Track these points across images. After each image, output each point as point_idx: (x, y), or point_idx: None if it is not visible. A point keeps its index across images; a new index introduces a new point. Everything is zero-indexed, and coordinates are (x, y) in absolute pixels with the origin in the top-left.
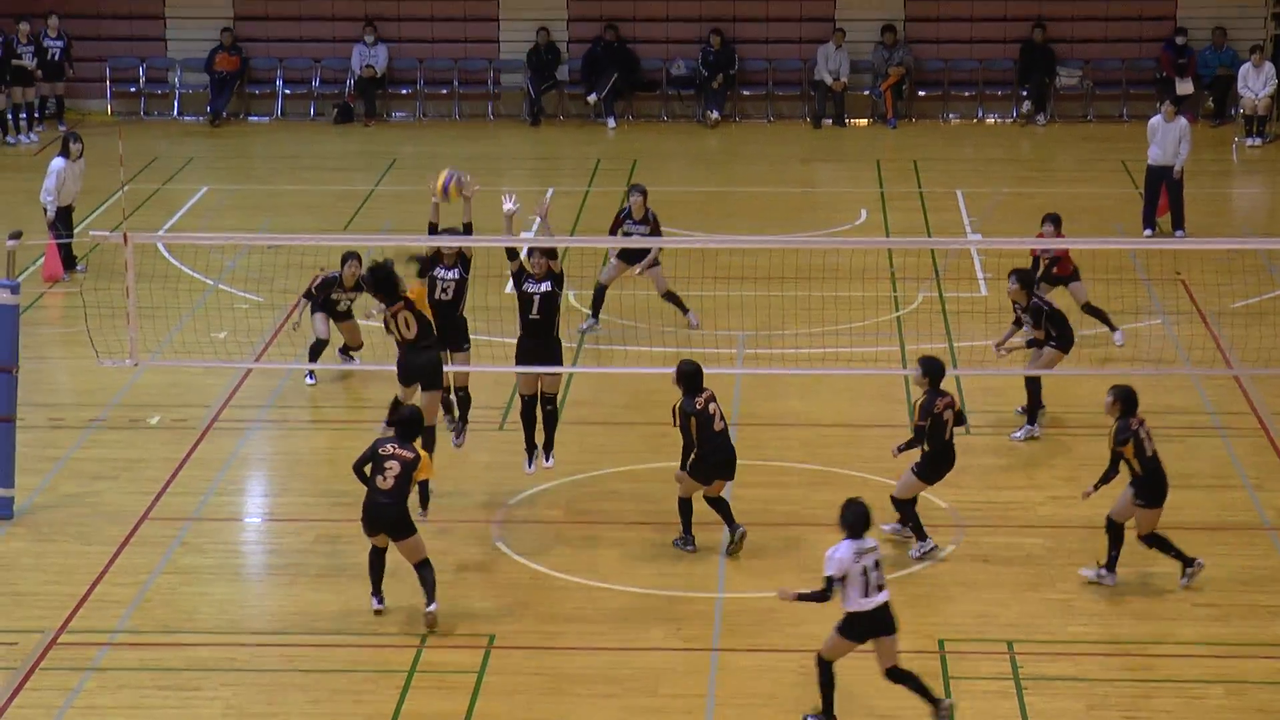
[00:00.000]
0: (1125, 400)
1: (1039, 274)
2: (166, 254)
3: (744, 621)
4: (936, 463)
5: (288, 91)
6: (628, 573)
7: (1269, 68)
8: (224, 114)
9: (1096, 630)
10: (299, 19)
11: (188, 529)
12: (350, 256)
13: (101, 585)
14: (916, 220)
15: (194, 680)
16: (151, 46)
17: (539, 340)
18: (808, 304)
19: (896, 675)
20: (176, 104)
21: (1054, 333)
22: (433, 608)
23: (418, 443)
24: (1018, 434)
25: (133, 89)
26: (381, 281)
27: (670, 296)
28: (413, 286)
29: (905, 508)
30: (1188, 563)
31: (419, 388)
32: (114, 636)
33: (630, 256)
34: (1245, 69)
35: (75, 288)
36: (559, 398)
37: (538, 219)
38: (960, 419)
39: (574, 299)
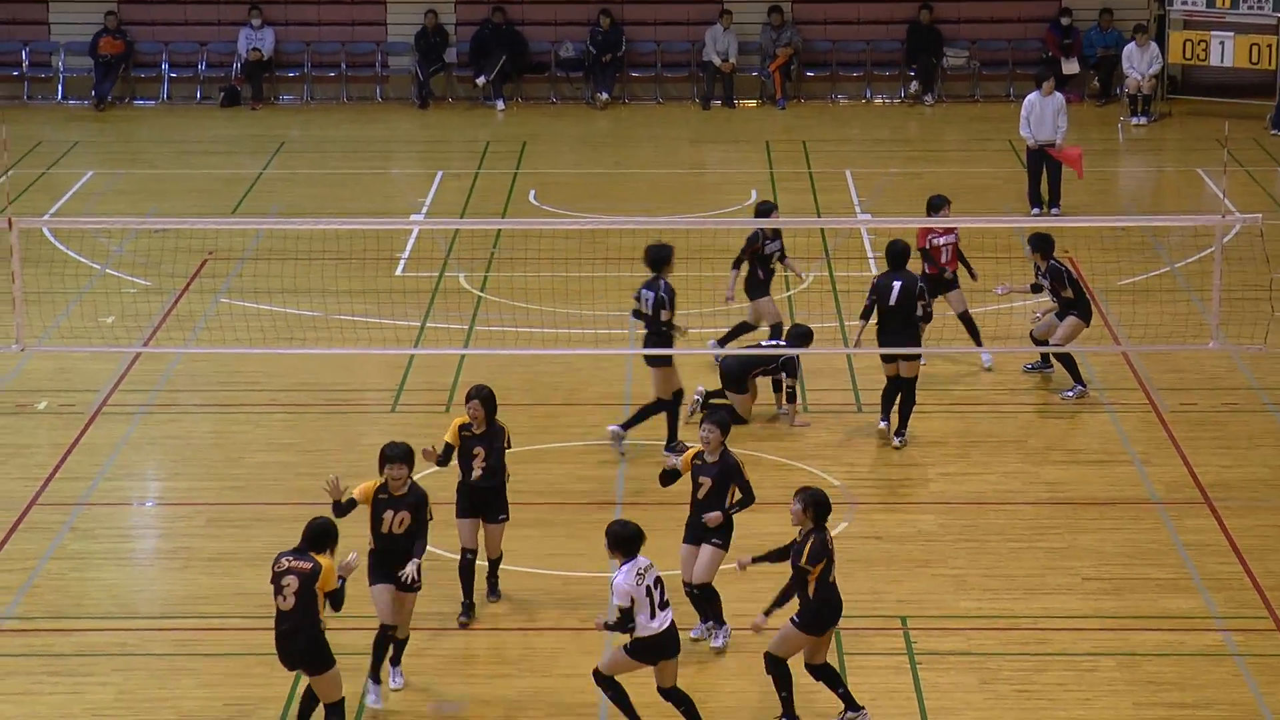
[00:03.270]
0: (819, 507)
1: (931, 276)
2: (53, 239)
3: None
4: None
5: (173, 75)
6: (522, 553)
7: (1153, 48)
8: (109, 98)
9: (989, 605)
10: (184, 2)
11: (77, 514)
12: (770, 207)
13: None
14: (806, 200)
15: (85, 666)
16: (34, 30)
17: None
18: (699, 284)
19: (673, 695)
20: (60, 88)
21: (1075, 295)
22: None
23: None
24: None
25: (15, 73)
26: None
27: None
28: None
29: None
30: (851, 706)
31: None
32: (2, 623)
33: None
34: (1130, 49)
35: None
36: None
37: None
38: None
39: (464, 280)
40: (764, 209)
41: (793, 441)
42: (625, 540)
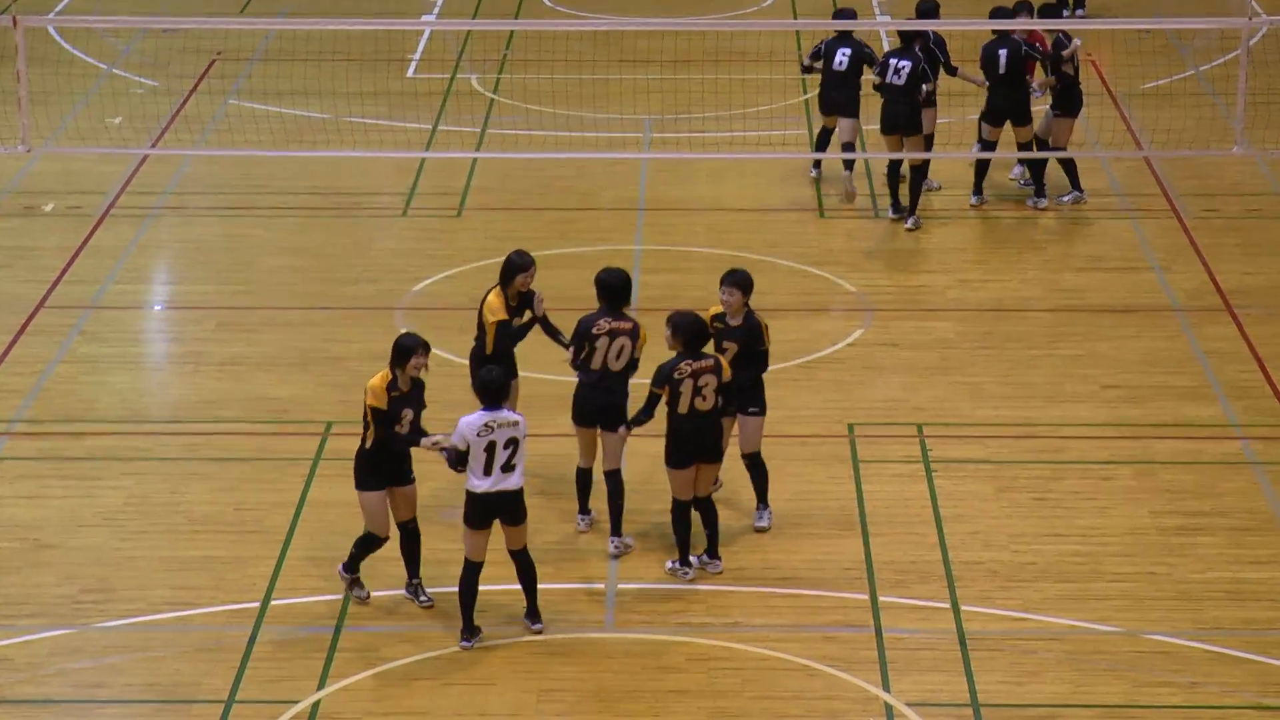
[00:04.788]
0: (686, 333)
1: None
2: (59, 38)
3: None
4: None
5: None
6: (534, 360)
7: None
8: None
9: (1006, 413)
10: None
11: (86, 318)
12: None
13: None
14: (824, 1)
15: (95, 470)
16: None
17: None
18: (715, 87)
19: (519, 558)
20: None
21: (1061, 82)
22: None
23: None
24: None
25: None
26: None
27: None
28: None
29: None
30: (711, 552)
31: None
32: (12, 426)
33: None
34: None
35: None
36: None
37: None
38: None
39: (476, 83)
40: (926, 8)
41: (807, 248)
42: (486, 387)
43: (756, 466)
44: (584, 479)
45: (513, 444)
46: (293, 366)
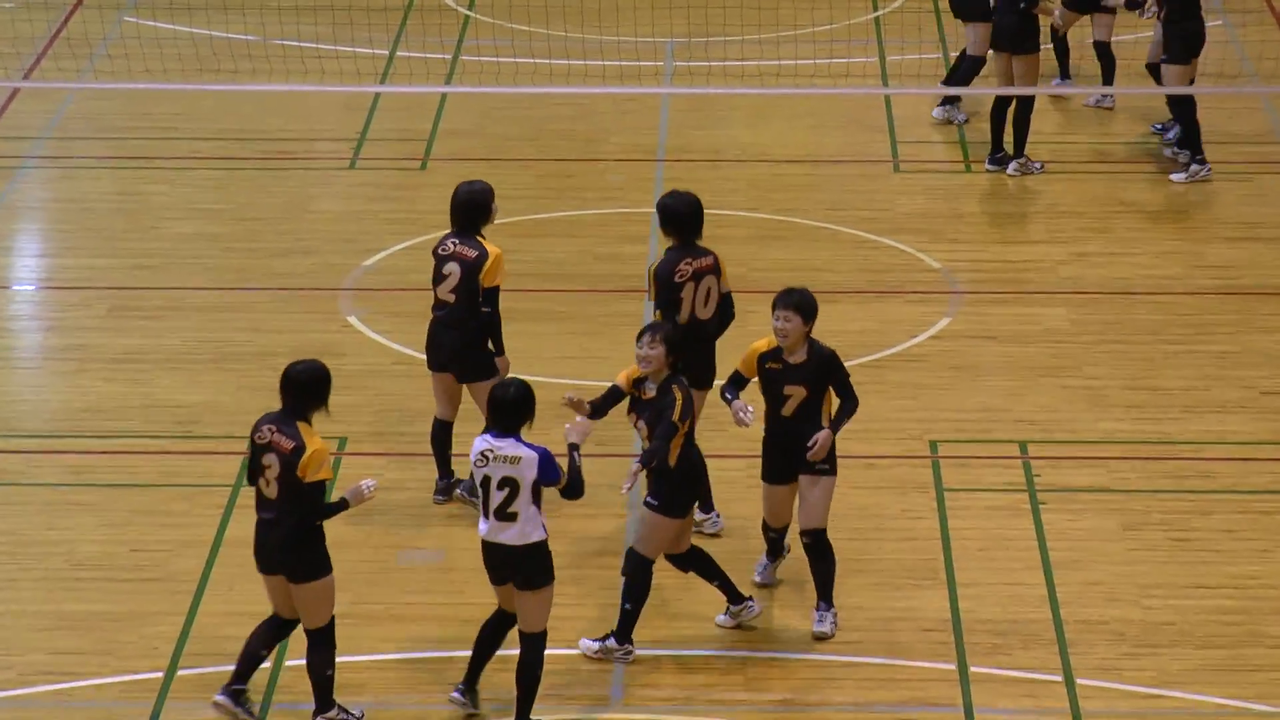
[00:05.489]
0: (680, 346)
1: None
2: None
3: None
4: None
5: None
6: (529, 354)
7: None
8: None
9: (1135, 426)
10: None
11: None
12: None
13: None
14: None
15: None
16: None
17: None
18: (757, 2)
19: (524, 642)
20: None
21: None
22: None
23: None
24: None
25: None
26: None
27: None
28: None
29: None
30: (733, 597)
31: None
32: None
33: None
34: None
35: None
36: None
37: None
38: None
39: None
40: None
41: (877, 211)
42: (501, 406)
43: (821, 549)
44: None
45: (509, 486)
46: (207, 364)
